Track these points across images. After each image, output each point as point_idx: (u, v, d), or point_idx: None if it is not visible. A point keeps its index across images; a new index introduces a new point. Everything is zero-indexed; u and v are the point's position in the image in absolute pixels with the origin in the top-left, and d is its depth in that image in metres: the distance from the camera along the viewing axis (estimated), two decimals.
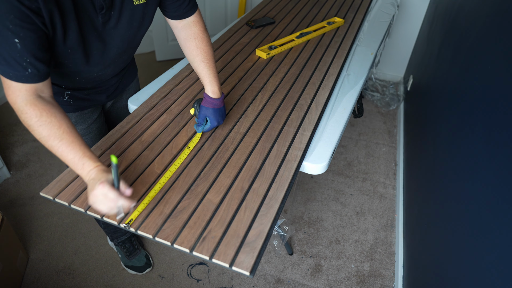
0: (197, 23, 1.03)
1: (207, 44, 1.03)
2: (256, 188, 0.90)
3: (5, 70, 0.72)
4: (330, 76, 1.35)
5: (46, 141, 0.75)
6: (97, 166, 0.76)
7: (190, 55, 1.04)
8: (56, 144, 0.75)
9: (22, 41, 0.69)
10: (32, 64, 0.73)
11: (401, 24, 2.56)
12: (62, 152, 0.76)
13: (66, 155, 0.76)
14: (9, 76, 0.73)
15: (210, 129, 1.04)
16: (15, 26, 0.68)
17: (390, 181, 2.03)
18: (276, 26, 1.70)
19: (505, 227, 0.77)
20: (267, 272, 1.59)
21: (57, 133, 0.75)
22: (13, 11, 0.67)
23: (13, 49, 0.69)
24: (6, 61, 0.71)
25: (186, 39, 1.03)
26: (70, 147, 0.75)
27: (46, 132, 0.75)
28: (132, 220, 0.81)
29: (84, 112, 1.11)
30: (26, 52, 0.71)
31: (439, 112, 1.50)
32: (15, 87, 0.74)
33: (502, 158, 0.85)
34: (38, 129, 0.75)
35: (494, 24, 1.13)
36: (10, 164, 2.03)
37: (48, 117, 0.75)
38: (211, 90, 1.01)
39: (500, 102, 0.94)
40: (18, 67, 0.71)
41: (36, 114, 0.74)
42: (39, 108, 0.75)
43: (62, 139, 0.75)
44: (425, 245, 1.30)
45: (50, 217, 1.76)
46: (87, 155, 0.76)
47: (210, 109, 1.01)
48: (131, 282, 1.52)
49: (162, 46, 2.95)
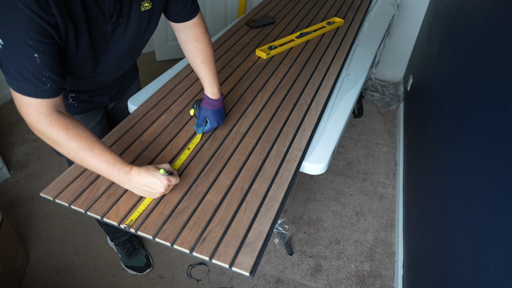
0: (198, 25, 1.03)
1: (207, 46, 1.04)
2: (256, 189, 0.90)
3: (23, 88, 0.71)
4: (330, 76, 1.35)
5: (77, 153, 0.76)
6: (132, 169, 0.80)
7: (191, 56, 1.04)
8: (87, 155, 0.76)
9: (42, 56, 0.69)
10: (51, 78, 0.72)
11: (401, 24, 2.56)
12: (94, 162, 0.77)
13: (99, 165, 0.77)
14: (27, 93, 0.71)
15: (210, 130, 1.04)
16: (34, 41, 0.67)
17: (390, 181, 2.03)
18: (276, 26, 1.70)
19: (505, 227, 0.77)
20: (267, 272, 1.59)
21: (86, 145, 0.76)
22: (33, 26, 0.66)
23: (32, 64, 0.69)
24: (24, 78, 0.70)
25: (186, 40, 1.03)
26: (101, 157, 0.77)
27: (76, 145, 0.75)
28: (132, 220, 0.81)
29: (87, 114, 1.11)
30: (45, 67, 0.70)
31: (439, 112, 1.50)
32: (35, 104, 0.72)
33: (502, 158, 0.85)
34: (67, 143, 0.75)
35: (494, 24, 1.13)
36: (10, 164, 2.03)
37: (75, 129, 0.75)
38: (211, 91, 1.02)
39: (499, 102, 0.94)
40: (38, 82, 0.71)
41: (63, 128, 0.74)
42: (64, 122, 0.75)
43: (93, 149, 0.76)
44: (425, 245, 1.30)
45: (50, 217, 1.76)
46: (118, 160, 0.79)
47: (210, 110, 1.02)
48: (131, 282, 1.52)
49: (162, 46, 2.95)
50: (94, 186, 0.89)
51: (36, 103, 0.73)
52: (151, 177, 0.80)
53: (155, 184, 0.81)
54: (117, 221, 0.82)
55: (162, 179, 0.81)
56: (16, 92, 0.72)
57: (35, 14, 0.65)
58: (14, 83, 0.70)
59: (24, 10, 0.64)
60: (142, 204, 0.85)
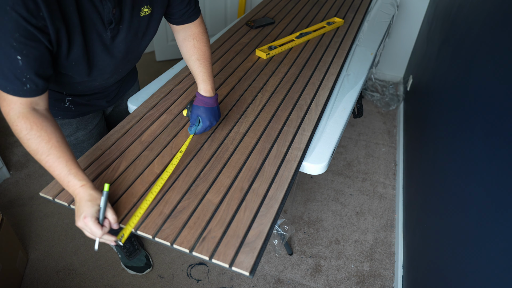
0: (198, 25, 1.03)
1: (205, 45, 1.03)
2: (256, 188, 0.90)
3: (2, 84, 0.72)
4: (330, 76, 1.35)
5: (34, 155, 0.75)
6: (83, 186, 0.76)
7: (187, 54, 1.04)
8: (43, 158, 0.75)
9: (25, 58, 0.69)
10: (32, 80, 0.72)
11: (400, 24, 2.56)
12: (49, 167, 0.76)
13: (53, 171, 0.76)
14: (6, 90, 0.72)
15: (204, 130, 1.01)
16: (19, 43, 0.68)
17: (390, 181, 2.03)
18: (276, 26, 1.70)
19: (505, 227, 0.77)
20: (267, 272, 1.59)
21: (45, 148, 0.74)
22: (19, 29, 0.66)
23: (14, 65, 0.69)
24: (4, 76, 0.71)
25: (184, 39, 1.03)
26: (56, 163, 0.75)
27: (34, 146, 0.74)
28: (123, 236, 0.78)
29: (85, 117, 1.11)
30: (27, 69, 0.71)
31: (439, 112, 1.50)
32: (10, 99, 0.73)
33: (502, 158, 0.85)
34: (27, 142, 0.74)
35: (494, 24, 1.13)
36: (10, 164, 2.03)
37: (38, 130, 0.74)
38: (203, 88, 1.00)
39: (499, 102, 0.94)
40: (17, 82, 0.71)
41: (26, 128, 0.74)
42: (30, 121, 0.74)
43: (49, 154, 0.75)
44: (425, 245, 1.30)
45: (49, 217, 1.76)
46: (73, 172, 0.76)
47: (202, 107, 0.99)
48: (130, 282, 1.52)
49: (162, 46, 2.95)
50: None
51: (11, 99, 0.73)
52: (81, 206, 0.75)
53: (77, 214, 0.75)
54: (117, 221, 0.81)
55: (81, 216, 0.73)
56: None
57: (21, 18, 0.65)
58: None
59: (11, 13, 0.64)
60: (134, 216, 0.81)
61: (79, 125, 1.10)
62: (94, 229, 0.73)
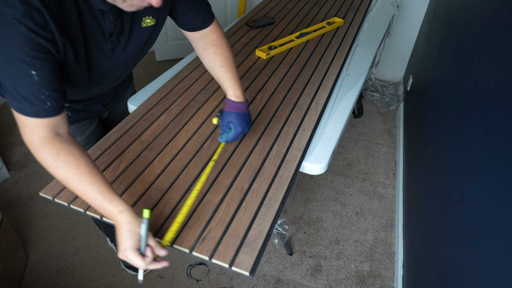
0: (214, 31, 0.99)
1: (226, 50, 0.99)
2: (255, 188, 0.90)
3: (22, 107, 0.67)
4: (330, 76, 1.35)
5: (65, 183, 0.71)
6: (120, 213, 0.70)
7: (209, 63, 1.00)
8: (75, 187, 0.71)
9: (39, 72, 0.66)
10: (51, 96, 0.69)
11: (400, 24, 2.56)
12: (82, 195, 0.71)
13: (87, 199, 0.71)
14: (26, 113, 0.68)
15: (235, 138, 0.96)
16: (31, 58, 0.64)
17: (390, 181, 2.03)
18: (276, 26, 1.70)
19: (505, 227, 0.77)
20: (266, 272, 1.59)
21: (75, 175, 0.70)
22: (29, 42, 0.63)
23: (30, 82, 0.66)
24: (23, 97, 0.66)
25: (204, 47, 0.99)
26: (89, 190, 0.70)
27: (64, 174, 0.70)
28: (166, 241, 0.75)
29: (81, 123, 1.10)
30: (44, 84, 0.67)
31: (439, 112, 1.50)
32: (32, 124, 0.69)
33: (502, 158, 0.85)
34: (56, 170, 0.70)
35: (494, 24, 1.13)
36: (10, 164, 2.03)
37: (66, 156, 0.70)
38: (234, 94, 0.95)
39: (499, 102, 0.94)
40: (37, 101, 0.67)
41: (53, 154, 0.69)
42: (56, 147, 0.70)
43: (80, 181, 0.70)
44: (425, 245, 1.30)
45: (49, 217, 1.76)
46: (107, 198, 0.71)
47: (233, 113, 0.94)
48: (130, 282, 1.52)
49: (162, 46, 2.95)
50: None
51: (33, 124, 0.69)
52: (120, 236, 0.69)
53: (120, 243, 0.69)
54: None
55: (122, 249, 0.69)
56: (15, 111, 0.69)
57: (30, 31, 0.63)
58: (14, 102, 0.67)
59: (18, 26, 0.62)
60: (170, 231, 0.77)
61: (76, 131, 1.09)
62: (137, 262, 0.68)
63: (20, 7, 0.60)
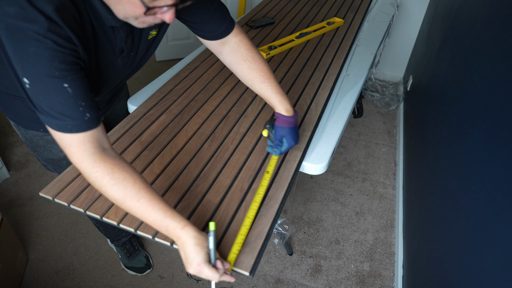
0: (240, 42, 0.93)
1: (260, 62, 0.94)
2: (255, 188, 0.90)
3: (62, 124, 0.64)
4: (330, 76, 1.35)
5: (123, 202, 0.68)
6: (183, 228, 0.68)
7: (246, 79, 0.96)
8: (133, 205, 0.68)
9: (71, 83, 0.63)
10: (88, 106, 0.66)
11: (400, 24, 2.56)
12: (142, 213, 0.68)
13: (147, 216, 0.68)
14: (68, 129, 0.64)
15: (287, 150, 0.96)
16: (61, 71, 0.62)
17: (389, 181, 2.03)
18: (276, 26, 1.70)
19: (505, 227, 0.77)
20: (266, 272, 1.59)
21: (133, 192, 0.67)
22: (57, 56, 0.61)
23: (65, 96, 0.63)
24: (61, 113, 0.63)
25: (235, 63, 0.95)
26: (149, 207, 0.68)
27: (122, 192, 0.67)
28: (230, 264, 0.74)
29: None
30: (78, 95, 0.64)
31: (439, 112, 1.50)
32: (77, 141, 0.66)
33: (502, 158, 0.85)
34: (112, 189, 0.67)
35: (494, 24, 1.12)
36: (10, 164, 2.03)
37: (121, 173, 0.67)
38: (284, 108, 0.92)
39: (499, 102, 0.94)
40: (76, 114, 0.64)
41: (108, 172, 0.66)
42: (110, 164, 0.67)
43: (140, 198, 0.67)
44: (425, 245, 1.30)
45: (49, 217, 1.76)
46: (168, 214, 0.68)
47: (287, 128, 0.93)
48: (130, 282, 1.52)
49: (162, 46, 2.95)
50: None
51: (78, 140, 0.66)
52: (189, 252, 0.68)
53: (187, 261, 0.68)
54: (117, 221, 0.81)
55: (194, 264, 0.67)
56: (56, 131, 0.65)
57: (56, 44, 0.61)
58: (52, 121, 0.64)
59: (45, 41, 0.60)
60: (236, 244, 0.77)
61: None
62: (211, 275, 0.67)
63: (45, 22, 0.59)
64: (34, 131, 1.00)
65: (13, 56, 0.61)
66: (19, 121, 0.99)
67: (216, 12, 0.88)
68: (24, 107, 0.94)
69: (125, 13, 0.65)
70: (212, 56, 1.43)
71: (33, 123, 0.98)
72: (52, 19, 0.60)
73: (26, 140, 1.05)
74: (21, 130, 1.02)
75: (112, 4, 0.65)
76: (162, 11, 0.62)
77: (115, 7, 0.65)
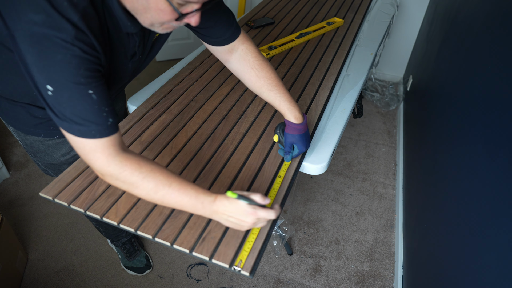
0: (247, 50, 0.93)
1: (268, 70, 0.93)
2: (256, 189, 0.90)
3: (86, 131, 0.64)
4: (330, 76, 1.34)
5: (156, 192, 0.69)
6: (216, 198, 0.71)
7: (254, 87, 0.95)
8: (166, 192, 0.69)
9: (95, 90, 0.64)
10: (110, 112, 0.67)
11: (400, 25, 2.56)
12: (176, 198, 0.70)
13: (181, 200, 0.70)
14: (92, 135, 0.65)
15: (298, 155, 0.97)
16: (86, 78, 0.63)
17: (389, 181, 2.03)
18: (276, 26, 1.70)
19: (505, 227, 0.77)
20: (266, 273, 1.59)
21: (163, 180, 0.69)
22: (83, 63, 0.62)
23: (90, 102, 0.63)
24: (86, 120, 0.64)
25: (243, 71, 0.95)
26: (182, 190, 0.70)
27: (153, 183, 0.68)
28: (242, 261, 0.75)
29: None
30: (101, 101, 0.65)
31: (439, 112, 1.50)
32: (102, 145, 0.66)
33: (502, 158, 0.85)
34: (143, 182, 0.68)
35: (494, 24, 1.13)
36: (10, 164, 2.03)
37: (147, 165, 0.69)
38: (294, 116, 0.92)
39: (499, 102, 0.94)
40: (100, 120, 0.65)
41: (136, 167, 0.68)
42: (134, 160, 0.69)
43: (171, 184, 0.69)
44: (425, 245, 1.30)
45: (49, 217, 1.76)
46: (200, 191, 0.71)
47: (297, 135, 0.93)
48: (130, 282, 1.52)
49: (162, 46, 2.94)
50: (94, 185, 0.89)
51: (102, 145, 0.66)
52: (235, 206, 0.70)
53: (241, 215, 0.70)
54: (117, 221, 0.81)
55: (248, 210, 0.70)
56: (78, 138, 0.65)
57: (83, 52, 0.61)
58: (75, 127, 0.64)
59: (73, 49, 0.60)
60: (248, 242, 0.78)
61: None
62: (266, 213, 0.70)
63: (72, 30, 0.59)
64: (35, 136, 1.00)
65: (36, 64, 0.60)
66: (19, 126, 0.98)
67: (222, 17, 0.88)
68: (25, 113, 0.94)
69: (152, 20, 0.65)
70: (212, 56, 1.43)
71: (33, 129, 0.98)
72: (79, 27, 0.60)
73: (26, 145, 1.05)
74: (21, 136, 1.02)
75: (139, 13, 0.65)
76: (189, 15, 0.64)
77: (142, 15, 0.65)
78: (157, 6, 0.62)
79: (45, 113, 0.96)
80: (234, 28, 0.90)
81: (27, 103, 0.92)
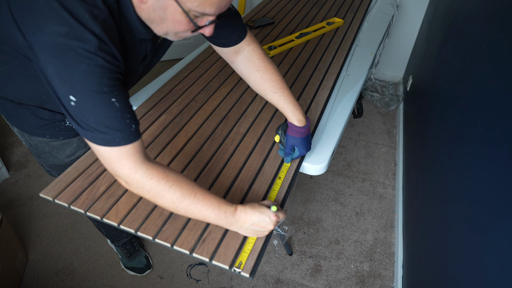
0: (253, 52, 0.93)
1: (273, 72, 0.94)
2: (256, 189, 0.90)
3: (111, 139, 0.65)
4: (330, 76, 1.34)
5: (181, 202, 0.70)
6: (237, 208, 0.75)
7: (259, 89, 0.96)
8: (191, 201, 0.70)
9: (118, 97, 0.65)
10: (132, 118, 0.67)
11: (400, 25, 2.56)
12: (200, 208, 0.71)
13: (205, 210, 0.72)
14: (116, 143, 0.65)
15: (299, 157, 0.98)
16: (109, 87, 0.63)
17: (389, 181, 2.03)
18: (276, 26, 1.70)
19: (505, 227, 0.77)
20: (266, 273, 1.59)
21: (189, 190, 0.70)
22: (106, 72, 0.63)
23: (113, 110, 0.64)
24: (110, 128, 0.64)
25: (248, 73, 0.95)
26: (205, 201, 0.71)
27: (179, 192, 0.70)
28: (242, 263, 0.76)
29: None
30: (124, 108, 0.66)
31: (439, 112, 1.50)
32: (127, 152, 0.66)
33: (502, 158, 0.85)
34: (169, 191, 0.69)
35: (494, 24, 1.13)
36: (9, 164, 2.03)
37: (173, 175, 0.70)
38: (296, 119, 0.93)
39: (499, 102, 0.94)
40: (124, 127, 0.65)
41: (162, 176, 0.69)
42: (160, 169, 0.69)
43: (196, 194, 0.71)
44: (425, 245, 1.30)
45: (49, 217, 1.76)
46: (222, 201, 0.73)
47: (298, 138, 0.94)
48: (130, 282, 1.52)
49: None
50: (94, 186, 0.89)
51: (128, 152, 0.66)
52: (259, 214, 0.74)
53: (263, 222, 0.74)
54: (117, 222, 0.81)
55: (271, 216, 0.74)
56: (103, 147, 0.65)
57: (106, 61, 0.62)
58: (99, 136, 0.64)
59: (96, 59, 0.61)
60: (248, 244, 0.79)
61: (79, 143, 1.08)
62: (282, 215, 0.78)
63: (96, 41, 0.60)
64: (40, 137, 1.00)
65: (58, 74, 0.61)
66: (24, 127, 0.99)
67: (229, 19, 0.88)
68: (31, 115, 0.94)
69: (168, 30, 0.67)
70: (212, 56, 1.43)
71: (38, 130, 0.98)
72: (101, 38, 0.61)
73: (31, 146, 1.05)
74: (26, 137, 1.02)
75: (155, 23, 0.66)
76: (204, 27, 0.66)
77: (158, 25, 0.67)
78: (174, 18, 0.63)
79: (50, 115, 0.96)
80: (240, 29, 0.90)
81: (34, 105, 0.92)
